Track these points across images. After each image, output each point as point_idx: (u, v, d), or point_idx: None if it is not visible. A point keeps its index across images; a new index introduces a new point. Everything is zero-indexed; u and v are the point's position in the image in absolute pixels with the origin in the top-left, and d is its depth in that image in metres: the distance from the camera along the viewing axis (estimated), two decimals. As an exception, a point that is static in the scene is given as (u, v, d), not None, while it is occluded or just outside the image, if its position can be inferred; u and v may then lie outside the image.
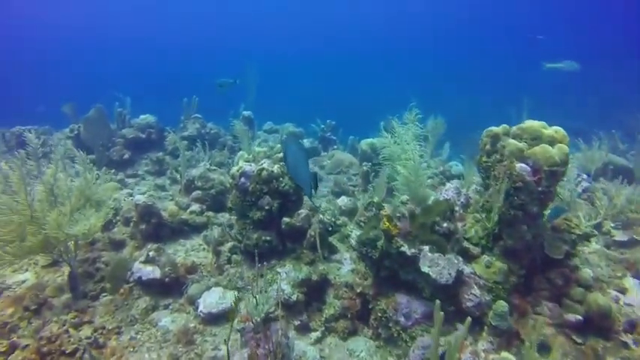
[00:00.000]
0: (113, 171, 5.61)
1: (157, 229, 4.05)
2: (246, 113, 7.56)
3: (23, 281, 3.70)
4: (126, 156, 6.31)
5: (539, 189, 2.65)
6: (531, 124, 2.91)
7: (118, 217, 4.35)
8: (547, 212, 2.90)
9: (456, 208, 3.16)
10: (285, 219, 3.55)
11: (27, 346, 2.86)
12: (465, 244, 2.95)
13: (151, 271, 3.37)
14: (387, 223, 2.74)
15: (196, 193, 4.45)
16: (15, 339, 2.94)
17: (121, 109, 6.67)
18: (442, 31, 33.92)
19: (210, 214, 4.40)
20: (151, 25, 35.05)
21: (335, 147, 8.39)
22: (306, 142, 7.82)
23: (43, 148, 6.69)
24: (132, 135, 6.45)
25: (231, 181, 3.57)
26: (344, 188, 5.35)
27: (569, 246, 2.94)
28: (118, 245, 4.08)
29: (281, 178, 3.57)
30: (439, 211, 2.77)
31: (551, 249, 2.91)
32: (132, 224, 4.06)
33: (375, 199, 3.85)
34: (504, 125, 3.09)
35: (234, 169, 3.54)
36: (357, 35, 35.09)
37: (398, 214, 3.32)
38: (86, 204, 3.67)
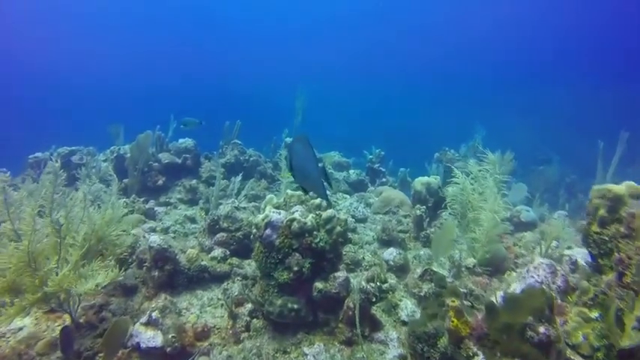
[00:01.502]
0: (143, 199, 5.24)
1: (172, 278, 3.49)
2: (288, 140, 7.05)
3: (20, 328, 3.27)
4: (160, 182, 5.97)
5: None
6: (678, 185, 1.99)
7: (134, 256, 3.87)
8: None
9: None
10: (318, 284, 2.83)
11: None
12: (570, 353, 2.05)
13: (152, 337, 2.78)
14: (455, 320, 1.93)
15: (220, 236, 3.88)
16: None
17: (159, 132, 6.40)
18: (498, 57, 32.25)
19: (235, 260, 3.79)
20: (215, 44, 36.34)
21: (384, 179, 7.62)
22: (353, 174, 7.12)
23: (81, 171, 6.59)
24: (167, 160, 6.12)
25: (255, 231, 2.93)
26: (393, 236, 4.54)
27: None
28: (129, 291, 3.56)
29: (315, 232, 2.87)
30: (532, 307, 1.91)
31: None
32: (145, 268, 3.53)
33: (435, 267, 3.03)
34: (630, 183, 2.19)
35: (259, 218, 2.90)
36: (409, 59, 34.26)
37: (464, 290, 2.49)
38: (98, 244, 3.24)
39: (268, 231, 2.85)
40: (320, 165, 1.96)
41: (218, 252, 3.75)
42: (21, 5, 27.90)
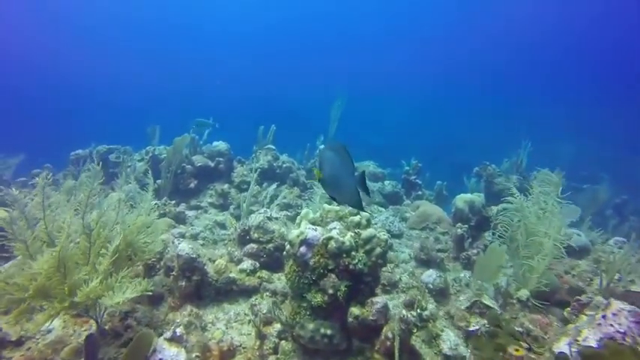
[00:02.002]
0: (174, 202, 5.18)
1: (199, 289, 3.36)
2: (323, 147, 6.87)
3: (49, 330, 3.22)
4: (192, 185, 5.93)
5: None
6: None
7: (162, 262, 3.77)
8: None
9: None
10: (355, 310, 2.60)
11: None
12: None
13: (175, 355, 2.63)
14: (522, 374, 1.65)
15: (250, 247, 3.72)
16: None
17: (193, 135, 6.38)
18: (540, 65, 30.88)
19: (264, 274, 3.62)
20: (256, 48, 36.67)
21: (419, 192, 7.29)
22: (388, 186, 6.84)
23: (118, 170, 6.68)
24: (200, 163, 6.08)
25: (288, 247, 2.74)
26: (431, 256, 4.24)
27: None
28: (155, 299, 3.46)
29: (354, 253, 2.65)
30: (618, 367, 1.60)
31: None
32: (172, 277, 3.42)
33: (486, 300, 2.72)
34: None
35: (293, 234, 2.71)
36: (449, 70, 33.37)
37: (520, 329, 2.18)
38: (127, 249, 3.15)
39: (303, 249, 2.65)
40: (357, 174, 1.75)
41: (247, 264, 3.60)
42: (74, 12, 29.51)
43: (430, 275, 3.70)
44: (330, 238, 2.61)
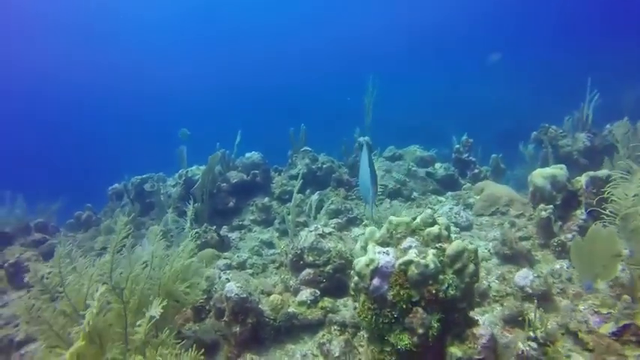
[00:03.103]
0: (214, 227, 4.78)
1: (256, 331, 2.90)
2: (362, 139, 6.27)
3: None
4: (230, 204, 5.54)
5: None
6: None
7: (211, 303, 3.35)
8: None
9: None
10: (455, 350, 2.01)
11: None
12: None
13: None
14: None
15: (307, 273, 3.20)
16: None
17: (223, 150, 5.98)
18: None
19: (327, 302, 3.09)
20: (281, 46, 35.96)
21: (475, 170, 6.52)
22: (440, 169, 6.13)
23: (152, 199, 6.45)
24: (235, 179, 5.67)
25: (356, 279, 2.18)
26: (516, 249, 3.56)
27: None
28: (210, 348, 3.04)
29: (441, 276, 2.05)
30: None
31: None
32: (224, 322, 2.98)
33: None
34: None
35: (361, 263, 2.14)
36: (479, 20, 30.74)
37: None
38: (167, 298, 2.74)
39: (376, 281, 2.08)
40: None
41: (306, 294, 3.09)
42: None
43: (525, 276, 3.02)
44: (408, 263, 2.04)
